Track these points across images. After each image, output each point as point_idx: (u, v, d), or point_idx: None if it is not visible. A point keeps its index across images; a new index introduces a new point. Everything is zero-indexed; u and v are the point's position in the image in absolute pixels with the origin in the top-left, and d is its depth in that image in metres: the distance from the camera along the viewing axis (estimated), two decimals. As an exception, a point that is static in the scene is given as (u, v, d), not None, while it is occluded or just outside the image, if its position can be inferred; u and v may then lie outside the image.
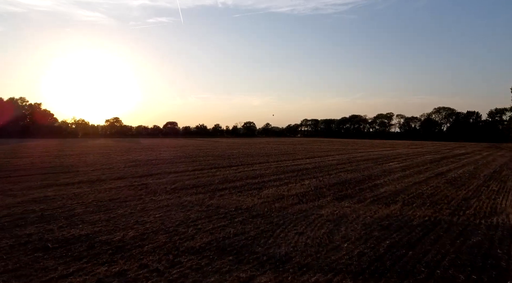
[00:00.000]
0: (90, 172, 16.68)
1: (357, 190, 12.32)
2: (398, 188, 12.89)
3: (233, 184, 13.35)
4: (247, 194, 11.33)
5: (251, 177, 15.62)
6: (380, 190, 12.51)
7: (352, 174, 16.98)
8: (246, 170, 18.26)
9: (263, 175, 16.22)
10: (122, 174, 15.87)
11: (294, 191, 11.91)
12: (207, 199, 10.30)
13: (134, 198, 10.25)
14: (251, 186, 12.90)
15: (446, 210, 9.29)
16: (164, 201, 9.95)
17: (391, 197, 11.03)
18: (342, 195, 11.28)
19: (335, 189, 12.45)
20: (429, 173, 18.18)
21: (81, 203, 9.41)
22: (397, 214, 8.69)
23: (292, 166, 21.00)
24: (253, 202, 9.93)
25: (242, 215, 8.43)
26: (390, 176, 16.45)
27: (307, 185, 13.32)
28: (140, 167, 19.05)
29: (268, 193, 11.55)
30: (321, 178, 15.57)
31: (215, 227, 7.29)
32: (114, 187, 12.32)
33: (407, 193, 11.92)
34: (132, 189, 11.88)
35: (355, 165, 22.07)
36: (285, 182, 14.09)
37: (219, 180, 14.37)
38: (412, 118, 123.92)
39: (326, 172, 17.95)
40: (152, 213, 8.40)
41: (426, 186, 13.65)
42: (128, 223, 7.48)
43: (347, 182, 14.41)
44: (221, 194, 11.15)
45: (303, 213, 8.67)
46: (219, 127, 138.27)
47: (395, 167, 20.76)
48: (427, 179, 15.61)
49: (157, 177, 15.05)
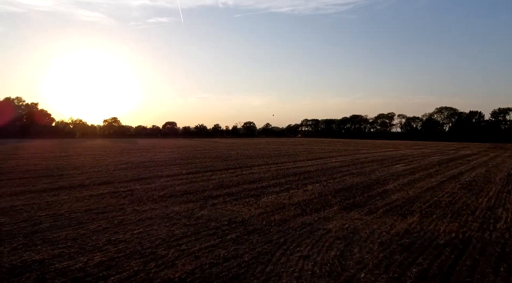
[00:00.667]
0: (75, 175, 15.44)
1: (366, 197, 11.07)
2: (411, 195, 11.63)
3: (228, 190, 12.10)
4: (243, 202, 10.08)
5: (249, 181, 14.37)
6: (392, 197, 11.25)
7: (358, 178, 15.73)
8: (244, 173, 17.01)
9: (262, 179, 14.97)
10: (109, 178, 14.63)
11: (296, 199, 10.66)
12: (197, 209, 9.05)
13: (114, 208, 9.01)
14: (249, 193, 11.65)
15: (473, 222, 8.04)
16: (148, 211, 8.70)
17: (405, 206, 9.78)
18: (350, 204, 10.03)
19: (341, 196, 11.20)
20: (440, 176, 16.92)
21: (50, 215, 8.16)
22: (417, 229, 7.44)
23: (293, 168, 19.75)
24: (250, 213, 8.68)
25: (236, 230, 7.18)
26: (400, 180, 15.20)
27: (310, 191, 12.07)
28: (130, 170, 17.81)
29: (267, 201, 10.30)
30: (325, 182, 14.32)
31: (202, 247, 6.05)
32: (96, 194, 11.07)
33: (423, 200, 10.66)
34: (115, 197, 10.63)
35: (359, 167, 20.82)
36: (286, 187, 12.84)
37: (213, 185, 13.12)
38: (413, 118, 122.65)
39: (330, 175, 16.70)
40: (130, 228, 7.15)
41: (441, 192, 12.40)
42: (98, 242, 6.23)
43: (353, 187, 13.16)
44: (214, 203, 9.90)
45: (308, 228, 7.42)
46: (218, 128, 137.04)
47: (402, 170, 19.50)
48: (440, 184, 14.36)
49: (146, 182, 13.81)
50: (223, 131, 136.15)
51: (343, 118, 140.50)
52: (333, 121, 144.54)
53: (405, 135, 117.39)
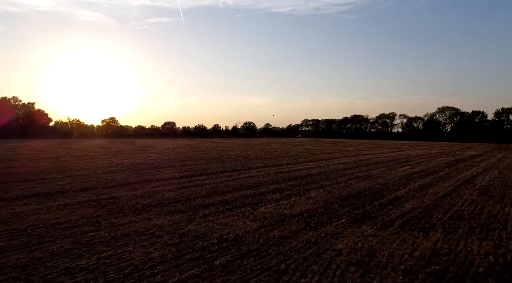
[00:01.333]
0: (57, 179, 14.19)
1: (376, 207, 9.82)
2: (427, 203, 10.39)
3: (222, 198, 10.85)
4: (238, 212, 8.83)
5: (246, 186, 13.13)
6: (406, 205, 10.01)
7: (365, 182, 14.48)
8: (242, 177, 15.77)
9: (261, 184, 13.73)
10: (93, 183, 13.38)
11: (298, 208, 9.42)
12: (184, 222, 7.81)
13: (87, 222, 7.76)
14: (245, 201, 10.41)
15: (509, 240, 6.79)
16: (126, 226, 7.45)
17: (424, 218, 8.53)
18: (360, 215, 8.79)
19: (349, 205, 9.95)
20: (453, 180, 15.68)
21: (9, 231, 6.92)
22: (445, 250, 6.20)
23: (294, 171, 18.51)
24: (245, 228, 7.44)
25: (227, 251, 5.94)
26: (410, 185, 13.95)
27: (314, 199, 10.82)
28: (119, 173, 16.56)
29: (265, 211, 9.06)
30: (329, 187, 13.07)
31: (182, 279, 4.80)
32: (72, 202, 9.83)
33: (441, 210, 9.42)
34: (93, 206, 9.38)
35: (364, 169, 19.57)
36: (286, 194, 11.60)
37: (206, 191, 11.88)
38: (415, 118, 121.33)
39: (334, 179, 15.45)
40: (99, 250, 5.91)
41: (459, 199, 11.15)
42: (52, 272, 4.98)
43: (361, 193, 11.91)
44: (205, 214, 8.65)
45: (314, 248, 6.17)
46: (218, 128, 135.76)
47: (411, 173, 18.24)
48: (455, 189, 13.12)
49: (133, 187, 12.56)
50: (223, 131, 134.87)
51: (344, 118, 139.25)
52: (334, 121, 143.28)
53: (406, 135, 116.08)
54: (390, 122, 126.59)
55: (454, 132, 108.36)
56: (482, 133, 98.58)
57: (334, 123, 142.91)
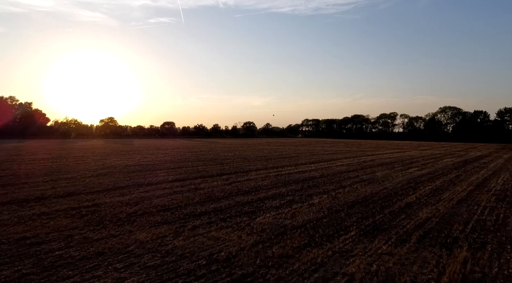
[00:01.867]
0: (41, 184, 13.20)
1: (388, 216, 8.82)
2: (443, 211, 9.39)
3: (217, 205, 9.86)
4: (233, 223, 7.84)
5: (243, 191, 12.13)
6: (419, 214, 9.01)
7: (371, 187, 13.49)
8: (239, 180, 14.78)
9: (259, 188, 12.73)
10: (79, 188, 12.39)
11: (300, 218, 8.42)
12: (170, 236, 6.81)
13: (59, 236, 6.76)
14: (241, 209, 9.41)
15: (549, 261, 5.79)
16: (102, 241, 6.45)
17: (443, 230, 7.54)
18: (371, 226, 7.79)
19: (357, 214, 8.95)
20: (465, 183, 14.68)
21: (-37, 249, 5.92)
22: (479, 274, 5.20)
23: (295, 173, 17.50)
24: (239, 244, 6.44)
25: (216, 276, 4.95)
26: (420, 190, 12.96)
27: (318, 206, 9.83)
28: (109, 176, 15.56)
29: (263, 221, 8.06)
30: (333, 192, 12.07)
31: (157, 319, 3.81)
32: (49, 210, 8.83)
33: (461, 220, 8.42)
34: (71, 215, 8.38)
35: (369, 172, 18.57)
36: (287, 200, 10.60)
37: (200, 197, 10.88)
38: (416, 118, 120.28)
39: (338, 182, 14.45)
40: (61, 275, 4.91)
41: (476, 206, 10.15)
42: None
43: (369, 199, 10.92)
44: (195, 225, 7.66)
45: (320, 272, 5.18)
46: (218, 128, 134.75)
47: (418, 175, 17.24)
48: (469, 194, 12.12)
49: (120, 193, 11.57)
50: (223, 131, 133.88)
51: (345, 118, 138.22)
52: (334, 121, 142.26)
53: (408, 135, 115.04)
54: (391, 122, 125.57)
55: (455, 133, 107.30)
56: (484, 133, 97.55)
57: (334, 123, 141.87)
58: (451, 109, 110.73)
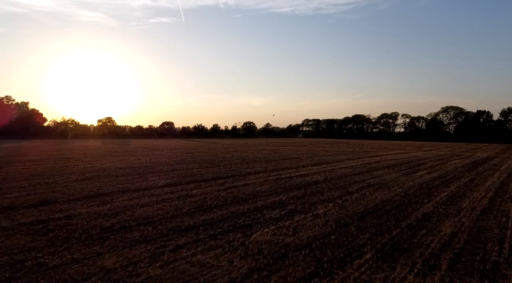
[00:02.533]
0: (15, 190, 11.94)
1: (406, 231, 7.56)
2: (468, 225, 8.13)
3: (207, 216, 8.60)
4: (224, 242, 6.58)
5: (239, 199, 10.88)
6: (442, 228, 7.75)
7: (381, 193, 12.23)
8: (236, 185, 13.52)
9: (258, 195, 11.48)
10: (56, 195, 11.13)
11: (304, 234, 7.16)
12: (145, 263, 5.55)
13: (8, 261, 5.50)
14: (236, 221, 8.16)
15: None
16: (59, 270, 5.19)
17: (477, 251, 6.28)
18: (389, 245, 6.53)
19: (369, 228, 7.70)
20: (482, 189, 13.43)
21: None
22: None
23: (297, 177, 16.24)
24: (230, 273, 5.18)
25: (195, 327, 3.69)
26: (436, 196, 11.70)
27: (323, 218, 8.57)
28: (94, 181, 14.30)
29: (261, 239, 6.80)
30: (339, 200, 10.82)
31: None
32: (11, 225, 7.56)
33: (494, 237, 7.16)
34: (34, 232, 7.12)
35: (375, 175, 17.31)
36: (288, 210, 9.35)
37: (190, 207, 9.63)
38: (418, 118, 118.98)
39: (343, 188, 13.19)
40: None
41: (505, 218, 8.89)
42: None
43: (380, 209, 9.66)
44: (179, 245, 6.40)
45: (333, 319, 3.92)
46: (217, 128, 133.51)
47: (429, 179, 15.98)
48: (491, 202, 10.87)
49: (101, 201, 10.31)
50: (222, 131, 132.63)
51: (345, 118, 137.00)
52: (335, 121, 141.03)
53: (409, 135, 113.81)
54: (392, 122, 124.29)
55: (457, 133, 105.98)
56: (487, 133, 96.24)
57: (335, 123, 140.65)
58: (453, 109, 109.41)
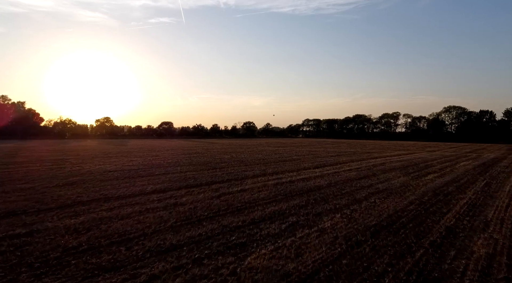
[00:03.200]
0: (-16, 198, 10.68)
1: (431, 252, 6.30)
2: (504, 243, 6.86)
3: (195, 232, 7.33)
4: (210, 271, 5.32)
5: (234, 208, 9.61)
6: (475, 249, 6.49)
7: (393, 201, 10.97)
8: (232, 192, 12.26)
9: (255, 204, 10.21)
10: (27, 203, 9.87)
11: (309, 257, 5.90)
12: (105, 302, 4.29)
13: None
14: (227, 239, 6.89)
15: None
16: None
17: (526, 283, 5.01)
18: (414, 273, 5.27)
19: (387, 248, 6.42)
20: (503, 195, 12.18)
21: None
22: None
23: (298, 181, 14.97)
24: (214, 320, 3.92)
25: None
26: (455, 205, 10.44)
27: (331, 233, 7.31)
28: (75, 187, 13.04)
29: (256, 265, 5.54)
30: (347, 210, 9.55)
31: None
32: (-44, 245, 6.31)
33: (539, 261, 5.90)
34: (-19, 255, 5.86)
35: (383, 179, 16.04)
36: (290, 223, 8.09)
37: (176, 219, 8.37)
38: (419, 118, 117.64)
39: (350, 195, 11.93)
40: None
41: (542, 233, 7.63)
42: None
43: (395, 221, 8.39)
44: (153, 275, 5.13)
45: None
46: (217, 128, 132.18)
47: (442, 184, 14.71)
48: (520, 212, 9.60)
49: (75, 212, 9.05)
50: (222, 131, 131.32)
51: (346, 118, 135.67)
52: (336, 121, 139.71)
53: (410, 135, 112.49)
54: (394, 122, 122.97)
55: (459, 133, 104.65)
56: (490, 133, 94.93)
57: (336, 123, 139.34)
58: (455, 108, 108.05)
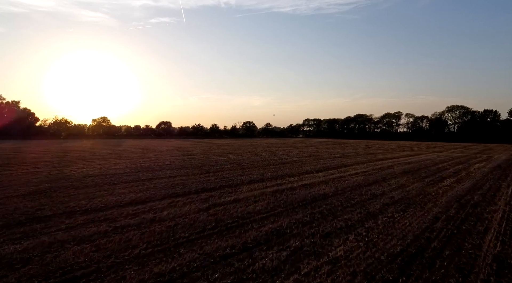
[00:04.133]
0: None
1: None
2: None
3: (167, 266, 5.56)
4: None
5: (223, 226, 7.84)
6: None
7: (414, 214, 9.19)
8: (223, 202, 10.50)
9: (249, 220, 8.44)
10: (-28, 220, 8.10)
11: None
12: None
13: None
14: (208, 279, 5.12)
15: None
16: None
17: None
18: None
19: (428, 295, 4.65)
20: (541, 207, 10.40)
21: None
22: None
23: (300, 188, 13.21)
24: None
25: None
26: (492, 221, 8.68)
27: (346, 268, 5.53)
28: (42, 196, 11.26)
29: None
30: (362, 229, 7.78)
31: None
32: None
33: None
34: None
35: (396, 185, 14.27)
36: (292, 250, 6.32)
37: (148, 244, 6.60)
38: (422, 117, 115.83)
39: (362, 206, 10.16)
40: None
41: None
42: None
43: (426, 247, 6.62)
44: None
45: None
46: (216, 128, 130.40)
47: (464, 192, 12.94)
48: None
49: (24, 232, 7.28)
50: (222, 131, 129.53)
51: (347, 118, 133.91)
52: (337, 121, 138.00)
53: (412, 135, 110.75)
54: (395, 122, 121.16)
55: (463, 133, 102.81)
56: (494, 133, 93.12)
57: (336, 123, 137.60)
58: (459, 108, 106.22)
